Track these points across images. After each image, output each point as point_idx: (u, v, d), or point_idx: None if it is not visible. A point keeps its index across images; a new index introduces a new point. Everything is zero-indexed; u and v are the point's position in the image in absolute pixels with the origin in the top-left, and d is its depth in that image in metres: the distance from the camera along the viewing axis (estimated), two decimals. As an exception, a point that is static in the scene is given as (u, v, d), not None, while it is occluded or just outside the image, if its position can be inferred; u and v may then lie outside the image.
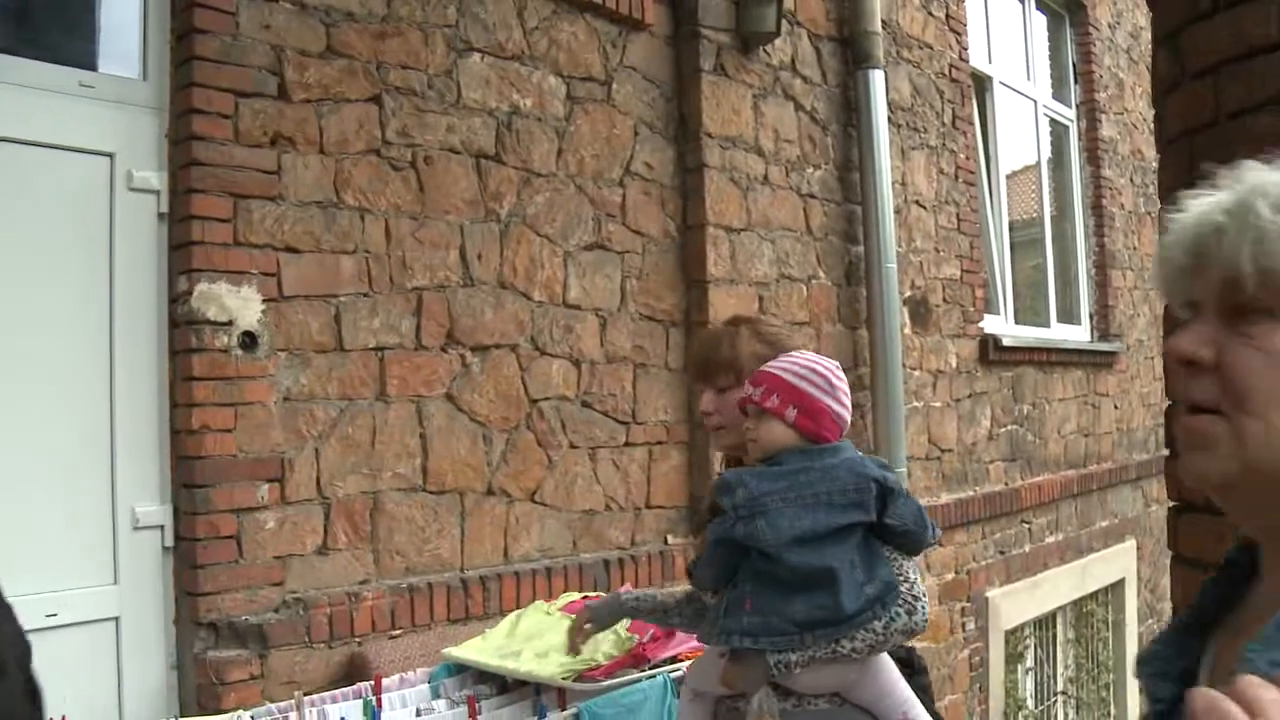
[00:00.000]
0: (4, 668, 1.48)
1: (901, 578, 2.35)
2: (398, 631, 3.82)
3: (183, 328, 3.62)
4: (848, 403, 2.44)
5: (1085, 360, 8.49)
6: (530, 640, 3.33)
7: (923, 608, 2.34)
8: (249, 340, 3.72)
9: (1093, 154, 9.06)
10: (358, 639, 3.85)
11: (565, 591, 4.34)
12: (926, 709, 2.49)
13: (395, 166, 4.18)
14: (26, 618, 3.23)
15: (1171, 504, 2.30)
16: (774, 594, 2.27)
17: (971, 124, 7.48)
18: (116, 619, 3.55)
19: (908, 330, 6.55)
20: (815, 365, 2.43)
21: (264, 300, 3.76)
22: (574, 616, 2.88)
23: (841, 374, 2.46)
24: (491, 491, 4.40)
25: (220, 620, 3.62)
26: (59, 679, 3.31)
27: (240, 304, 3.70)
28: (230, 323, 3.67)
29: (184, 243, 3.62)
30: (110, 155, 3.58)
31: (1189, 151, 2.14)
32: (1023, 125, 8.43)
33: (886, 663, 2.44)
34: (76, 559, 3.48)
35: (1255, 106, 1.98)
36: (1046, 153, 8.66)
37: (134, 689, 3.58)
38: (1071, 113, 8.97)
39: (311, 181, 3.92)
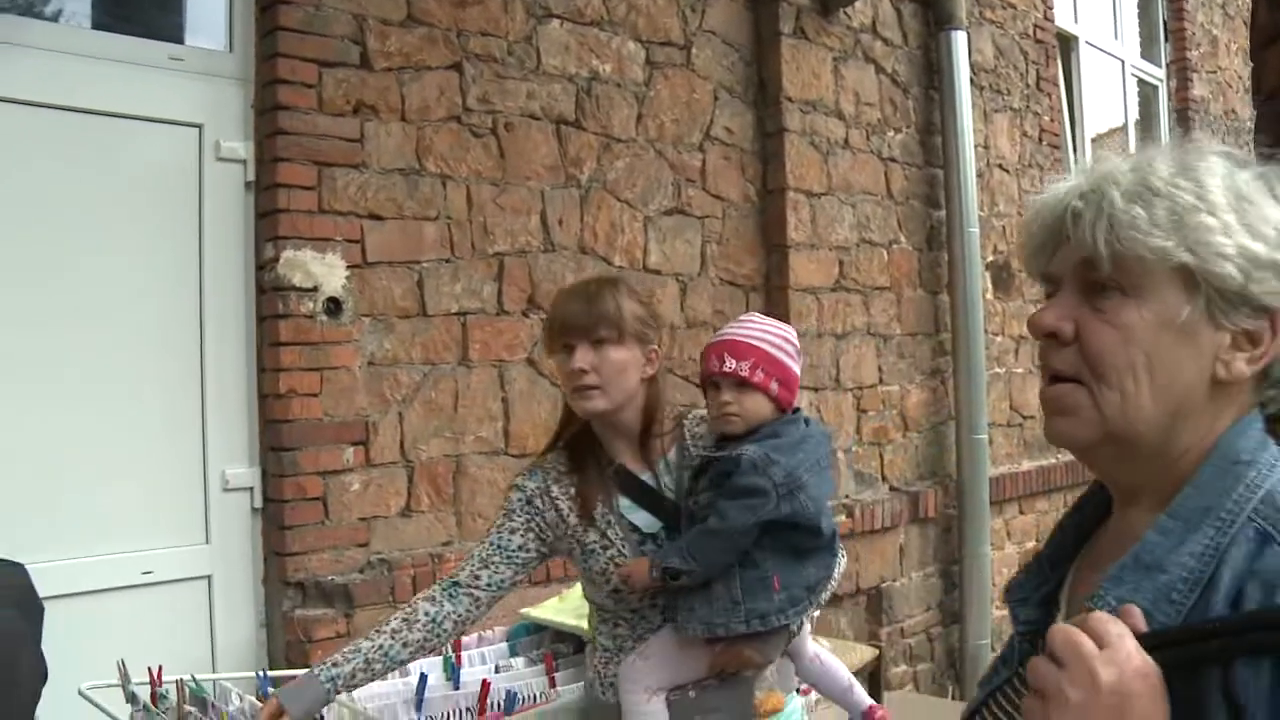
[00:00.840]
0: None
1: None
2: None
3: (269, 294, 3.70)
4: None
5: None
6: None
7: (842, 549, 2.44)
8: (334, 306, 3.79)
9: (1183, 114, 8.82)
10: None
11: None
12: None
13: (476, 133, 4.21)
14: (123, 575, 3.39)
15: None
16: (793, 565, 2.24)
17: (1056, 85, 7.32)
18: (209, 577, 3.67)
19: (990, 295, 6.47)
20: (784, 333, 2.35)
21: (348, 266, 3.82)
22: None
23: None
24: (571, 455, 4.43)
25: (307, 580, 3.71)
26: (154, 634, 3.44)
27: (325, 270, 3.76)
28: (315, 289, 3.73)
29: (270, 211, 3.69)
30: (199, 126, 3.66)
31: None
32: (1110, 86, 8.21)
33: None
34: (170, 520, 3.60)
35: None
36: (1134, 114, 8.44)
37: (226, 645, 3.69)
38: (1161, 72, 8.73)
39: (394, 149, 3.96)
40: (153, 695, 2.69)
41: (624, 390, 2.33)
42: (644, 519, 2.35)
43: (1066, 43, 7.63)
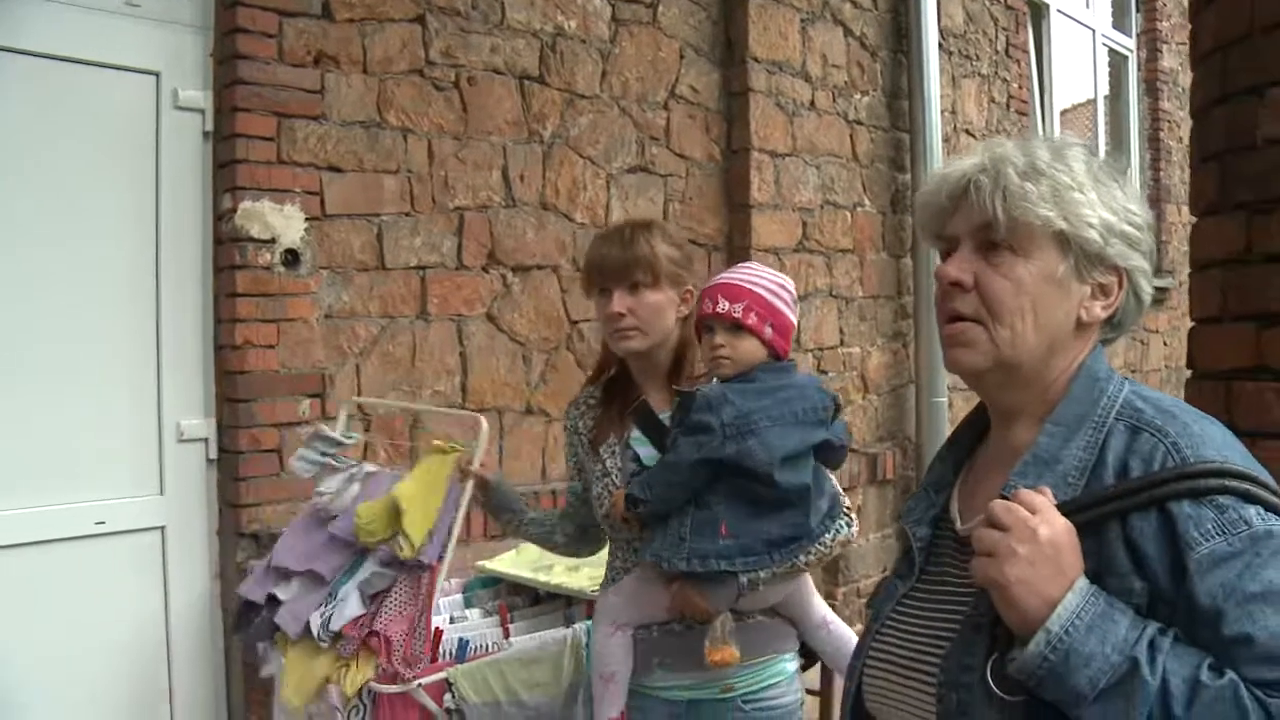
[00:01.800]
0: None
1: (837, 490, 2.40)
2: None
3: (226, 245, 3.68)
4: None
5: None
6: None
7: (855, 518, 2.41)
8: (292, 258, 3.77)
9: (1152, 85, 8.85)
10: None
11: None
12: None
13: (438, 87, 4.19)
14: (76, 525, 3.38)
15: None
16: (747, 514, 2.23)
17: (1026, 52, 7.33)
18: (162, 528, 3.66)
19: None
20: (781, 280, 2.36)
21: (307, 218, 3.81)
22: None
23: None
24: (530, 411, 4.46)
25: (262, 531, 3.71)
26: (107, 584, 3.44)
27: (283, 222, 3.74)
28: (273, 240, 3.72)
29: (228, 161, 3.66)
30: (156, 74, 3.61)
31: (1221, 67, 2.11)
32: (1080, 55, 8.22)
33: (808, 577, 2.46)
34: (124, 470, 3.58)
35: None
36: (1104, 84, 8.45)
37: (179, 596, 3.69)
38: (1131, 42, 8.74)
39: (355, 101, 3.94)
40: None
41: (660, 331, 2.44)
42: (648, 452, 2.42)
43: (1038, 10, 7.62)
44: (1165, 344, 8.82)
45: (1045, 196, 1.30)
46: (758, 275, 2.35)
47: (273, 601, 2.93)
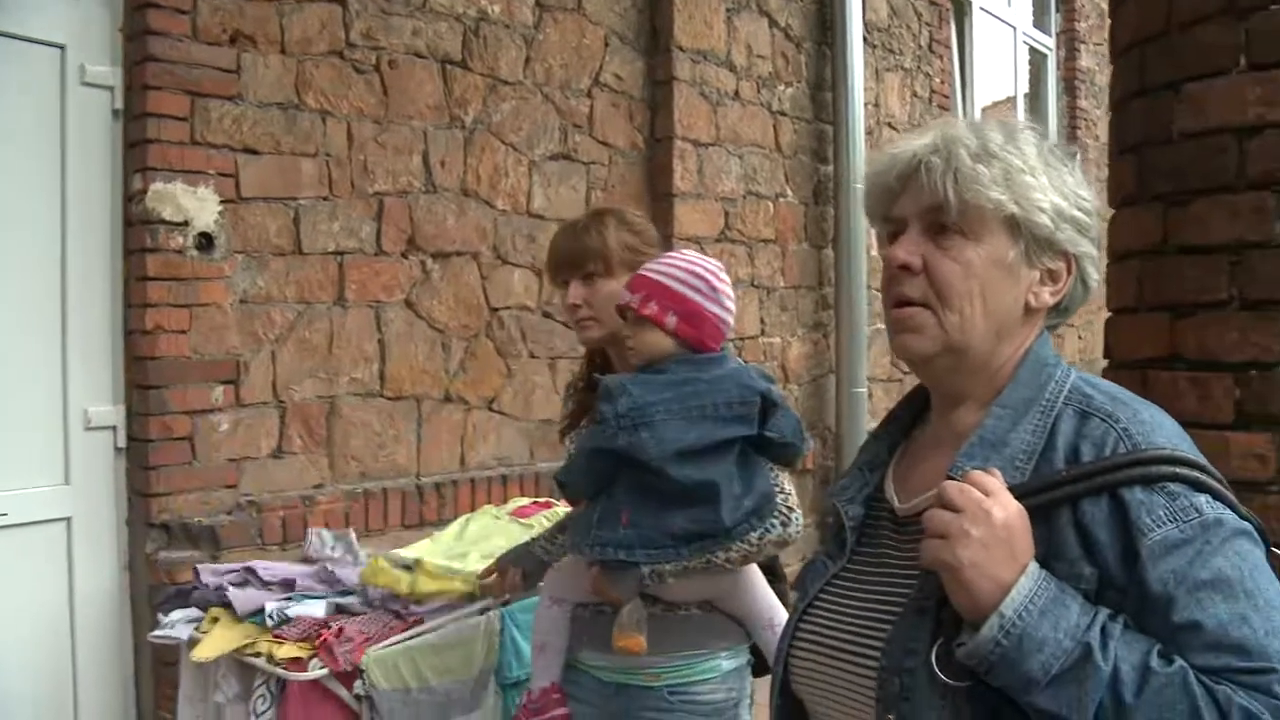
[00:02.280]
0: None
1: (778, 489, 2.28)
2: (351, 531, 3.83)
3: (137, 227, 3.58)
4: (731, 306, 2.29)
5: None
6: (478, 543, 3.36)
7: (797, 519, 2.28)
8: (205, 241, 3.69)
9: (1070, 84, 9.00)
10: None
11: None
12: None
13: (359, 69, 4.12)
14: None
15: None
16: (652, 507, 2.17)
17: (948, 48, 7.41)
18: (68, 520, 3.55)
19: (874, 252, 6.54)
20: (696, 267, 2.27)
21: (221, 201, 3.73)
22: (494, 577, 2.71)
23: (724, 275, 2.31)
24: (449, 398, 4.41)
25: (173, 521, 3.63)
26: (11, 577, 3.34)
27: (196, 204, 3.66)
28: (186, 223, 3.63)
29: (139, 140, 3.57)
30: (61, 47, 3.49)
31: (1139, 62, 2.14)
32: (1001, 52, 8.34)
33: (755, 572, 2.40)
34: (28, 459, 3.47)
35: (1205, 18, 1.98)
36: (1024, 81, 8.58)
37: (85, 589, 3.59)
38: (1051, 41, 8.89)
39: (272, 82, 3.86)
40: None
41: (617, 319, 2.38)
42: None
43: (960, 6, 7.72)
44: (1080, 337, 8.98)
45: (997, 180, 1.28)
46: (669, 264, 2.28)
47: (220, 590, 2.89)
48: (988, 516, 1.14)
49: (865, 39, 6.30)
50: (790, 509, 2.29)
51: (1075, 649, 1.10)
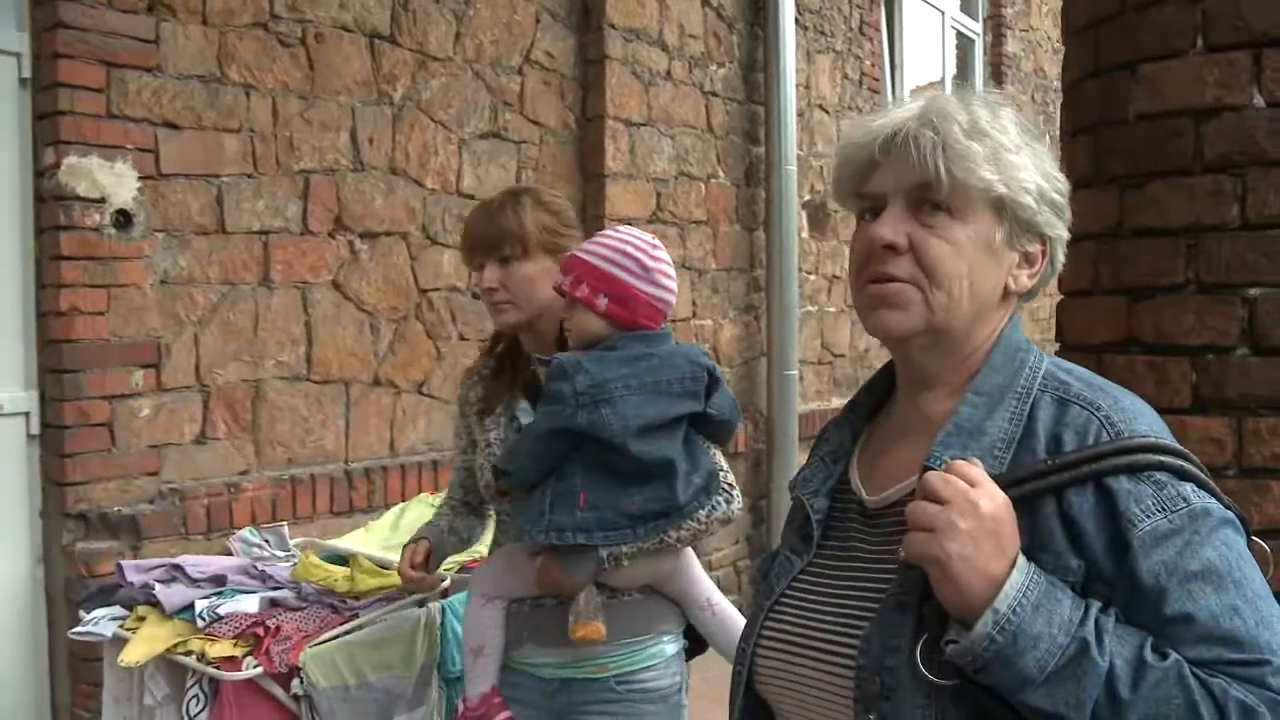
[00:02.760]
0: None
1: (720, 467, 2.32)
2: (280, 523, 3.72)
3: (50, 203, 3.42)
4: (668, 283, 2.24)
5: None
6: (413, 533, 3.27)
7: (738, 497, 2.33)
8: (123, 219, 3.54)
9: (996, 69, 9.09)
10: (236, 531, 3.74)
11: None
12: None
13: (284, 42, 3.99)
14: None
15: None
16: (609, 487, 2.15)
17: (878, 30, 7.43)
18: None
19: (805, 234, 6.55)
20: (627, 246, 2.21)
21: (140, 177, 3.58)
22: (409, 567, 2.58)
23: (659, 252, 2.25)
24: (378, 382, 4.31)
25: (91, 511, 3.50)
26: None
27: (114, 180, 3.51)
28: (103, 200, 3.48)
29: (49, 112, 3.41)
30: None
31: (1094, 43, 2.12)
32: (929, 36, 8.39)
33: (691, 553, 2.40)
34: None
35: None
36: (952, 65, 8.64)
37: (-2, 581, 3.45)
38: (978, 26, 8.96)
39: (193, 53, 3.72)
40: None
41: (535, 303, 2.37)
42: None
43: (890, -11, 7.74)
44: (1033, 320, 9.09)
45: (988, 159, 1.23)
46: (600, 243, 2.24)
47: (146, 587, 2.77)
48: (975, 508, 1.10)
49: (797, 20, 6.28)
50: (731, 486, 2.34)
51: (1071, 644, 1.07)
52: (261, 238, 3.93)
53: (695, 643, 2.45)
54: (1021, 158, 1.25)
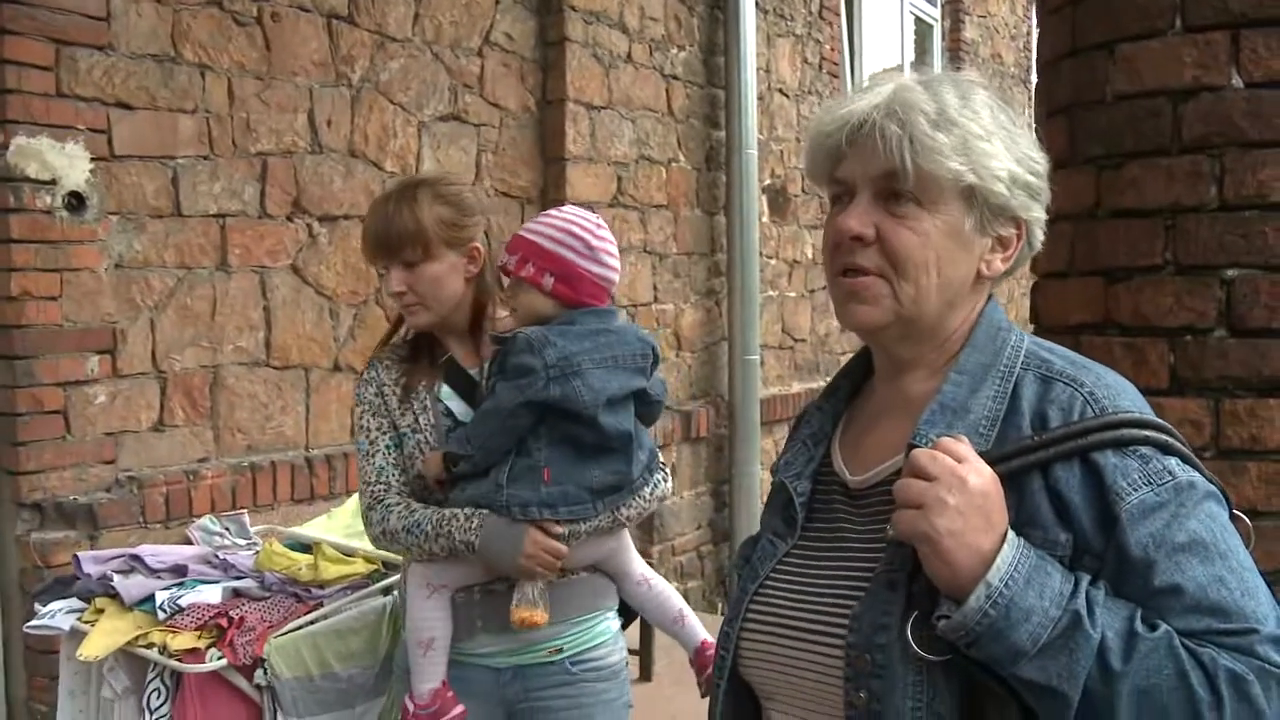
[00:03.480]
0: None
1: (654, 447, 2.37)
2: (239, 511, 3.66)
3: (-1, 185, 3.34)
4: (612, 262, 2.25)
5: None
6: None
7: (670, 475, 2.40)
8: (76, 201, 3.47)
9: (955, 54, 9.13)
10: (196, 519, 3.68)
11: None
12: None
13: (239, 21, 3.91)
14: None
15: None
16: (571, 461, 2.17)
17: (838, 15, 7.43)
18: None
19: (765, 218, 6.53)
20: (573, 226, 2.22)
21: (92, 159, 3.51)
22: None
23: (603, 231, 2.25)
24: (339, 368, 4.25)
25: (46, 500, 3.43)
26: None
27: (65, 162, 3.43)
28: (54, 181, 3.41)
29: (-3, 90, 3.32)
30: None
31: (1071, 22, 2.10)
32: (888, 21, 8.41)
33: (627, 533, 2.42)
34: None
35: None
36: (910, 51, 8.67)
37: (-50, 571, 3.36)
38: (936, 12, 9.00)
39: (146, 31, 3.64)
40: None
41: (445, 300, 2.32)
42: (460, 407, 2.31)
43: (849, -26, 7.73)
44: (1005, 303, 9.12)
45: (956, 148, 1.21)
46: (546, 223, 2.24)
47: (104, 579, 2.71)
48: (963, 484, 1.10)
49: (757, 4, 6.27)
50: (664, 464, 2.40)
51: (1063, 617, 1.07)
52: (218, 221, 3.86)
53: (624, 615, 2.48)
54: (993, 144, 1.23)
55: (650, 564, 4.65)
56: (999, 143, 1.24)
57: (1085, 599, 1.08)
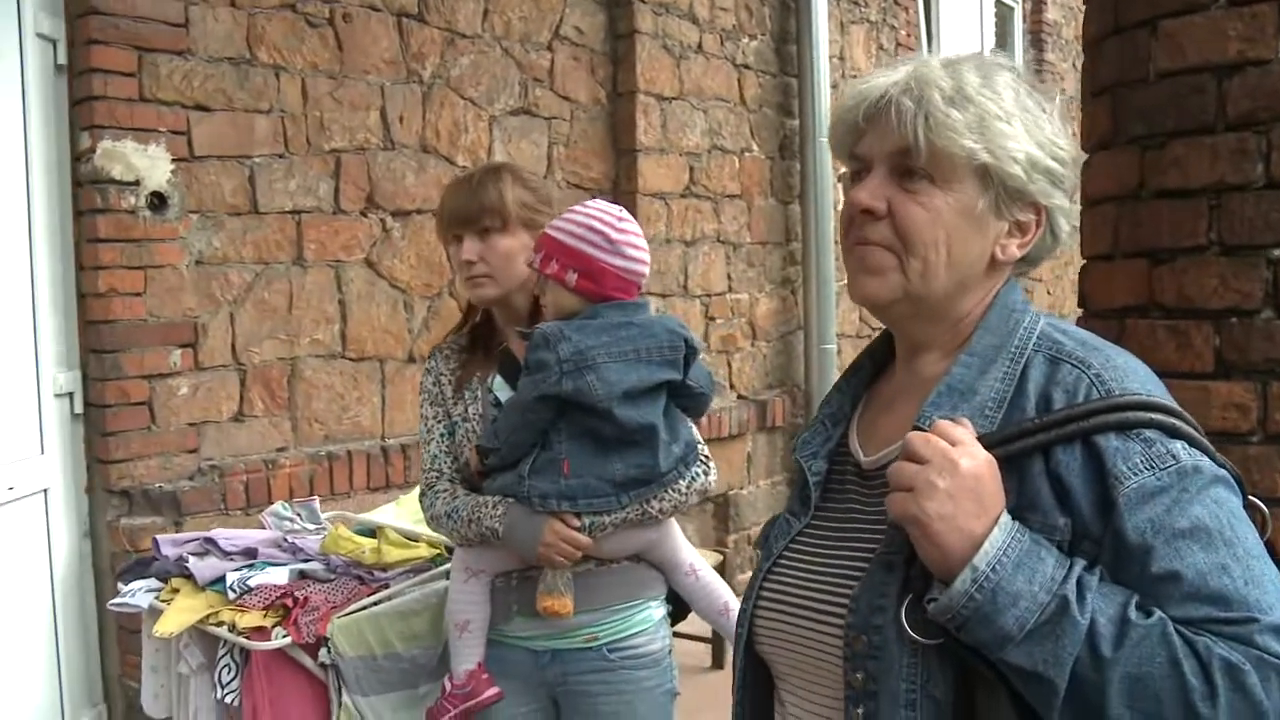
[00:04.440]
0: None
1: (696, 439, 2.38)
2: (316, 499, 3.77)
3: (87, 187, 3.48)
4: (637, 254, 2.26)
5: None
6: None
7: (714, 468, 2.40)
8: (158, 201, 3.59)
9: (1037, 37, 8.97)
10: (274, 506, 3.80)
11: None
12: None
13: (312, 23, 4.01)
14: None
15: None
16: (591, 454, 2.20)
17: (914, 0, 7.36)
18: (45, 490, 3.47)
19: (841, 206, 6.49)
20: (592, 221, 2.24)
21: (173, 160, 3.63)
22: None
23: (626, 224, 2.26)
24: (413, 359, 4.34)
25: (134, 488, 3.57)
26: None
27: (148, 163, 3.56)
28: (137, 182, 3.53)
29: (85, 98, 3.46)
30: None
31: (1114, 0, 2.08)
32: (967, 3, 8.27)
33: (674, 523, 2.44)
34: (13, 431, 3.36)
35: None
36: (990, 34, 8.54)
37: (55, 558, 3.51)
38: (1017, -7, 8.86)
39: (223, 36, 3.76)
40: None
41: (512, 277, 2.37)
42: (510, 396, 2.34)
43: (925, -43, 7.64)
44: (1049, 293, 9.00)
45: (971, 126, 1.21)
46: (567, 220, 2.26)
47: (180, 560, 2.83)
48: (954, 467, 1.10)
49: (829, -10, 6.22)
50: (708, 457, 2.40)
51: (1051, 602, 1.06)
52: (294, 217, 3.97)
53: (678, 607, 2.49)
54: (1013, 125, 1.23)
55: (724, 554, 4.71)
56: (1019, 124, 1.23)
57: (1076, 584, 1.07)
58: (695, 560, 2.47)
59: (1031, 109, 1.26)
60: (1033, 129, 1.24)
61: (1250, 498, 1.18)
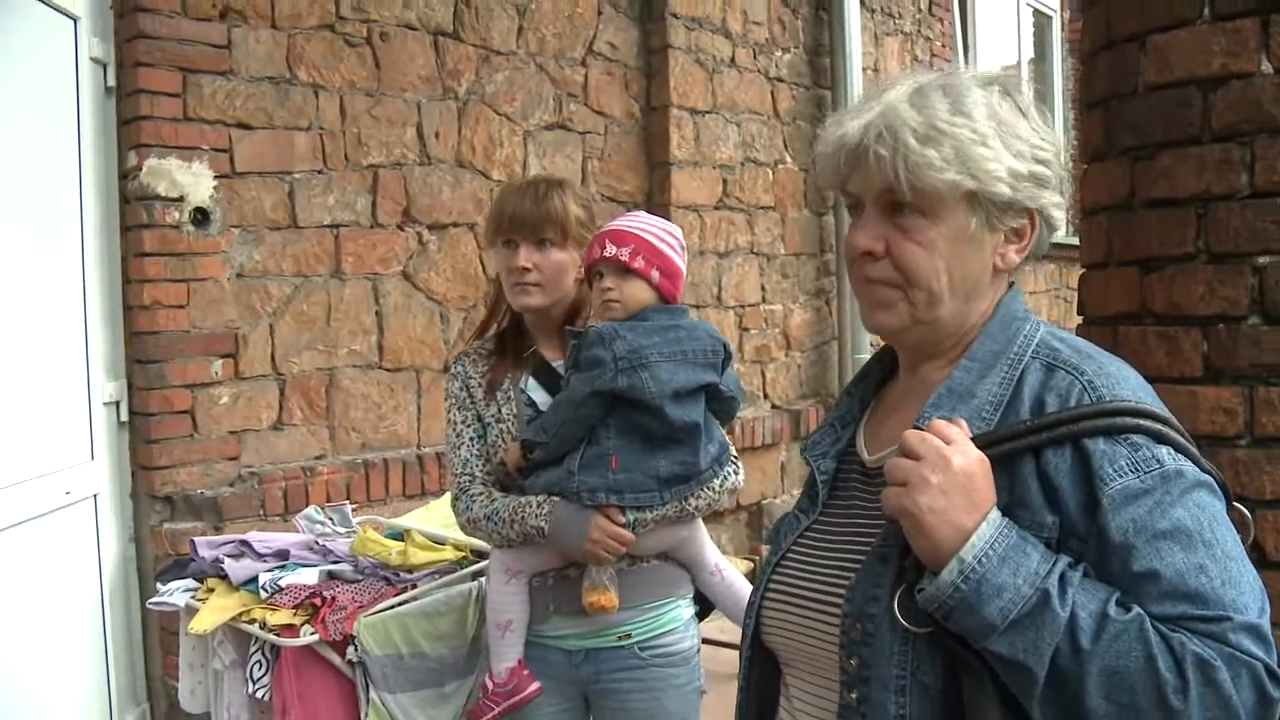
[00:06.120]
0: None
1: (726, 440, 2.46)
2: (348, 503, 3.88)
3: (133, 204, 3.62)
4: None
5: (1058, 254, 8.44)
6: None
7: (742, 468, 2.48)
8: (201, 216, 3.73)
9: (1075, 46, 8.93)
10: (313, 512, 3.91)
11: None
12: None
13: (350, 42, 4.14)
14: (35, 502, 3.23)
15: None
16: (639, 450, 2.27)
17: (949, 11, 7.37)
18: (95, 496, 3.59)
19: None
20: (669, 228, 2.39)
21: (216, 176, 3.76)
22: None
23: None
24: (448, 369, 4.41)
25: (176, 494, 3.70)
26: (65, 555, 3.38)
27: (191, 180, 3.69)
28: (181, 199, 3.67)
29: (132, 118, 3.61)
30: (75, 19, 3.47)
31: (1106, 15, 2.14)
32: (1004, 15, 8.27)
33: (701, 523, 2.50)
34: (63, 437, 3.48)
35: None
36: (1028, 44, 8.52)
37: (104, 562, 3.64)
38: (1055, 3, 8.82)
39: (263, 56, 3.89)
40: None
41: (561, 290, 2.44)
42: (543, 398, 2.42)
43: (961, -32, 7.66)
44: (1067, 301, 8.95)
45: (949, 159, 1.25)
46: (644, 222, 2.38)
47: (216, 562, 2.96)
48: (947, 464, 1.15)
49: (863, 3, 6.28)
50: (737, 459, 2.48)
51: (1033, 595, 1.11)
52: (332, 231, 4.09)
53: (703, 606, 2.55)
54: (990, 146, 1.26)
55: (756, 560, 4.73)
56: (996, 142, 1.26)
57: (1059, 579, 1.12)
58: (720, 559, 2.54)
59: (1005, 118, 1.29)
60: (1010, 140, 1.28)
61: (1235, 504, 1.24)
